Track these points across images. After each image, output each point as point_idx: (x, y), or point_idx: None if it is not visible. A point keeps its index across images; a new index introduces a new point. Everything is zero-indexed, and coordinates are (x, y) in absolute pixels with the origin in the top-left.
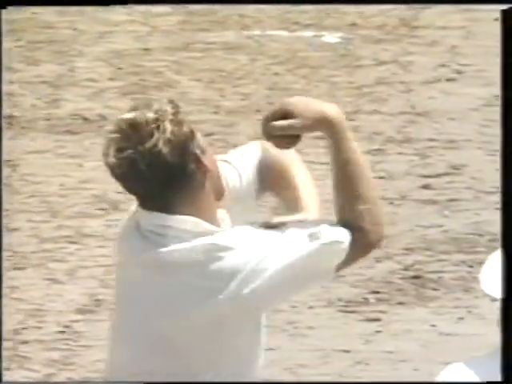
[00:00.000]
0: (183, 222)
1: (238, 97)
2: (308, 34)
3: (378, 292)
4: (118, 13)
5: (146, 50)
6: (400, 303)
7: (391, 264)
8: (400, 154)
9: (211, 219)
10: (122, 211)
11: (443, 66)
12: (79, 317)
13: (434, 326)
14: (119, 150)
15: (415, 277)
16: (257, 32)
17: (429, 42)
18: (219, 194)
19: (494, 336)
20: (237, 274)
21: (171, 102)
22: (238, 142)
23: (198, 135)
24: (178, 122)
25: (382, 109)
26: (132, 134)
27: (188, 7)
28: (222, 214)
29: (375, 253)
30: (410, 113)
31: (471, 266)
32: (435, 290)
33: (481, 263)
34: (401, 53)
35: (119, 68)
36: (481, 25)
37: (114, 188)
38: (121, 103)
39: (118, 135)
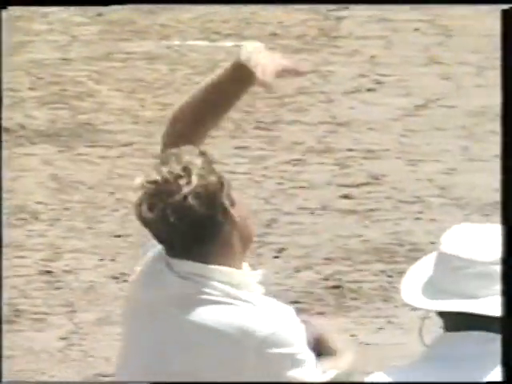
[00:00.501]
0: (215, 271)
1: (157, 107)
2: (228, 43)
3: (298, 302)
4: (37, 22)
5: (66, 59)
6: (320, 313)
7: (311, 274)
8: (320, 163)
9: (239, 268)
10: (42, 221)
11: (363, 76)
12: None
13: (354, 335)
14: (151, 205)
15: (335, 287)
16: (177, 42)
17: (349, 52)
18: (247, 243)
19: (414, 345)
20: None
21: (202, 153)
22: (157, 152)
23: (227, 185)
24: (206, 174)
25: (303, 119)
26: (162, 190)
27: (107, 17)
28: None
29: (295, 262)
30: (331, 123)
31: (391, 276)
32: (355, 299)
33: (400, 273)
34: (321, 63)
35: (39, 78)
36: (400, 35)
37: (33, 198)
38: (41, 113)
39: (148, 193)
